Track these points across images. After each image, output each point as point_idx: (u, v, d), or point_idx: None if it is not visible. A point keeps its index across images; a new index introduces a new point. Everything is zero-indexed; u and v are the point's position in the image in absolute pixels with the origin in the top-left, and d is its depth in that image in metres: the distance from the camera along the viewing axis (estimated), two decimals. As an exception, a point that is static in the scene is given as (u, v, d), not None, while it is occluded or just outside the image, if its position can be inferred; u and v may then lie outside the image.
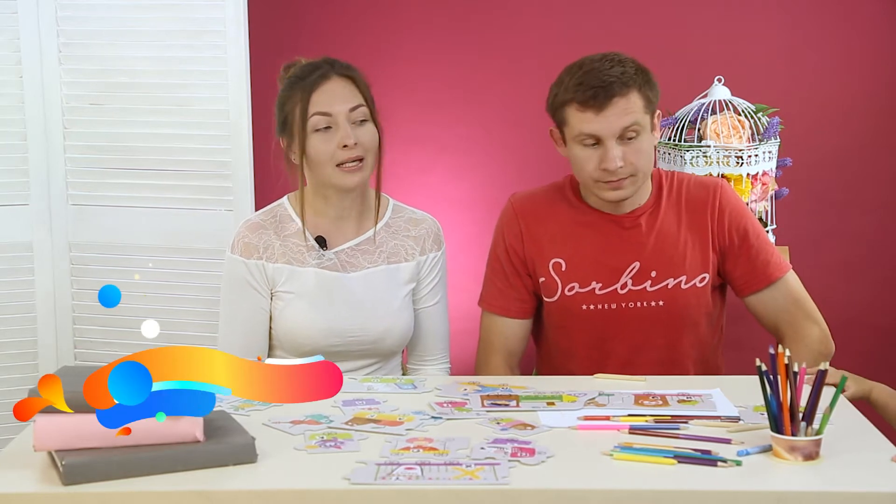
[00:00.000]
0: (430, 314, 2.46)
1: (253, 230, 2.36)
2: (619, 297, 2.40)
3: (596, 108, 2.30)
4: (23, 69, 3.14)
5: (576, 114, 2.33)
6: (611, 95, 2.30)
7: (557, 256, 2.43)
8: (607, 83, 2.30)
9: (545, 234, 2.45)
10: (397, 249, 2.40)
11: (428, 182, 3.53)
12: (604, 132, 2.31)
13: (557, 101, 2.37)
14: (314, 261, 2.35)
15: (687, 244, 2.41)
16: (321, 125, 2.28)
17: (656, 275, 2.40)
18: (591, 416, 1.95)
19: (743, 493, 1.64)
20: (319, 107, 2.28)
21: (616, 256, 2.41)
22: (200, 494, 1.63)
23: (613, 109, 2.31)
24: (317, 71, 2.30)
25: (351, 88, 2.31)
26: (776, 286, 2.43)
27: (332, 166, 2.29)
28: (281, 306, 2.34)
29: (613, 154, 2.31)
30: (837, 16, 3.45)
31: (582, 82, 2.31)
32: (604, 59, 2.34)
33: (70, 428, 1.66)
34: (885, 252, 3.52)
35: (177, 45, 3.12)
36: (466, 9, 3.53)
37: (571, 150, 2.37)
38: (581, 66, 2.35)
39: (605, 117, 2.31)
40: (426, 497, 1.63)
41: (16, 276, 3.19)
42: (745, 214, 2.45)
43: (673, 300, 2.40)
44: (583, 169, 2.36)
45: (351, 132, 2.27)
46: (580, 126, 2.32)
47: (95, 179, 3.19)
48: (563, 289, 2.42)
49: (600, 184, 2.35)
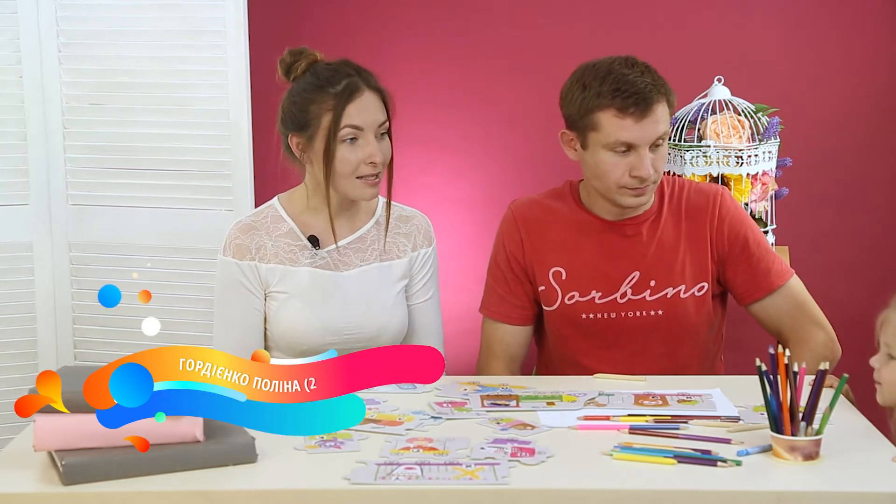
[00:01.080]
0: (422, 310, 2.46)
1: (244, 231, 2.36)
2: (618, 307, 2.39)
3: (637, 115, 2.28)
4: (23, 69, 3.13)
5: (613, 120, 2.29)
6: (651, 103, 2.28)
7: (557, 265, 2.42)
8: (645, 91, 2.28)
9: (546, 242, 2.43)
10: (389, 247, 2.41)
11: (428, 182, 3.53)
12: (641, 140, 2.29)
13: (586, 106, 2.31)
14: (307, 260, 2.35)
15: (686, 253, 2.40)
16: (349, 136, 2.29)
17: (655, 284, 2.39)
18: (590, 416, 1.95)
19: (743, 493, 1.64)
20: (353, 120, 2.28)
21: (616, 265, 2.40)
22: (200, 494, 1.63)
23: (652, 118, 2.29)
24: (347, 79, 2.29)
25: (379, 104, 2.32)
26: (778, 293, 2.41)
27: (353, 178, 2.30)
28: (275, 307, 2.34)
29: (647, 162, 2.29)
30: (837, 16, 3.45)
31: (619, 89, 2.28)
32: (628, 64, 2.31)
33: (70, 428, 1.67)
34: (885, 252, 3.52)
35: (177, 44, 3.12)
36: (466, 9, 3.52)
37: (597, 156, 2.33)
38: (609, 71, 2.31)
39: (644, 125, 2.28)
40: (426, 497, 1.63)
41: (16, 276, 3.18)
42: (744, 222, 2.43)
43: (672, 309, 2.39)
44: (608, 175, 2.33)
45: (378, 148, 2.29)
46: (617, 133, 2.29)
47: (95, 179, 3.19)
48: (562, 297, 2.41)
49: (625, 190, 2.33)
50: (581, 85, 2.33)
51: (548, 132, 3.59)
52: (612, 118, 2.29)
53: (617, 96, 2.28)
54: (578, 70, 2.37)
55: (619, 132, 2.29)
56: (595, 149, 2.33)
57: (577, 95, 2.33)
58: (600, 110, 2.30)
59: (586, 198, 2.45)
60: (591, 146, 2.34)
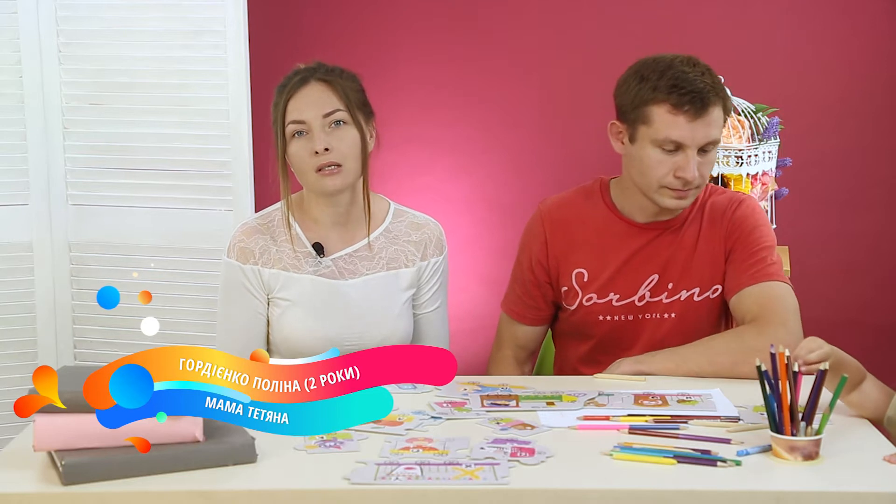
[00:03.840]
0: (430, 320, 2.44)
1: (249, 234, 2.34)
2: (635, 309, 2.37)
3: (691, 114, 2.22)
4: (23, 69, 3.14)
5: (666, 116, 2.23)
6: (707, 104, 2.23)
7: (581, 266, 2.39)
8: (704, 91, 2.23)
9: (571, 243, 2.40)
10: (397, 255, 2.37)
11: (428, 182, 3.53)
12: (691, 141, 2.24)
13: (641, 98, 2.25)
14: (311, 268, 2.32)
15: (703, 256, 2.36)
16: (295, 132, 2.28)
17: (672, 287, 2.36)
18: (590, 416, 1.95)
19: (743, 493, 1.64)
20: (294, 114, 2.27)
21: (638, 269, 2.37)
22: (200, 494, 1.63)
23: (706, 119, 2.24)
24: (296, 77, 2.29)
25: (327, 93, 2.27)
26: (758, 286, 2.29)
27: (311, 172, 2.27)
28: (278, 313, 2.32)
29: (694, 164, 2.24)
30: (837, 15, 3.46)
31: (676, 85, 2.22)
32: (690, 63, 2.26)
33: (70, 428, 1.66)
34: (885, 252, 3.53)
35: (176, 45, 3.12)
36: (466, 9, 3.53)
37: (643, 151, 2.27)
38: (670, 67, 2.25)
39: (696, 126, 2.23)
40: (426, 497, 1.63)
41: (16, 276, 3.19)
42: (758, 226, 2.36)
43: (684, 312, 2.36)
44: (651, 172, 2.27)
45: (323, 138, 2.25)
46: (668, 130, 2.23)
47: (95, 179, 3.19)
48: (581, 298, 2.39)
49: (666, 190, 2.28)
50: (638, 77, 2.27)
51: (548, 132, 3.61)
52: (666, 113, 2.23)
53: (673, 92, 2.22)
54: (638, 62, 2.31)
55: (671, 129, 2.23)
56: (643, 143, 2.27)
57: (633, 86, 2.27)
58: (655, 104, 2.24)
59: (618, 196, 2.40)
60: (639, 140, 2.28)
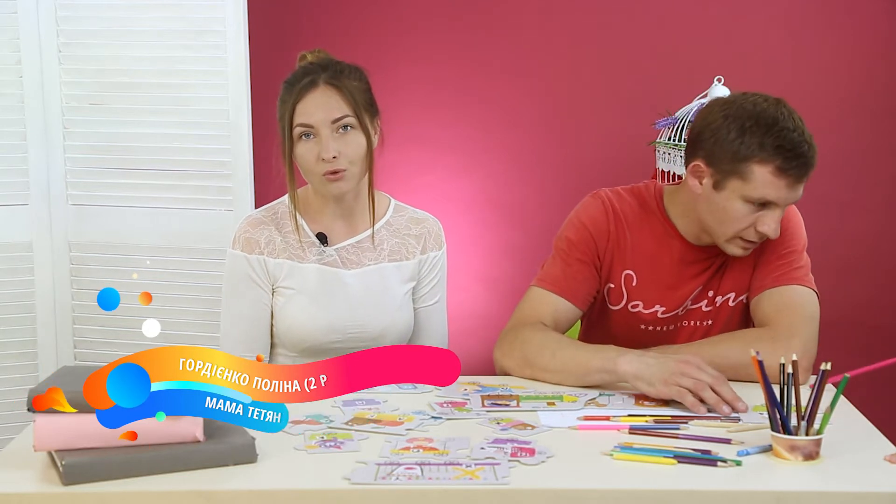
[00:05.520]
0: (429, 313, 2.47)
1: (254, 226, 2.36)
2: (677, 319, 2.37)
3: (794, 178, 2.15)
4: (23, 69, 3.14)
5: (768, 177, 2.15)
6: (808, 169, 2.17)
7: (631, 268, 2.36)
8: (808, 156, 2.16)
9: (628, 242, 2.36)
10: (398, 248, 2.41)
11: (428, 182, 3.54)
12: (783, 201, 2.18)
13: (743, 153, 2.15)
14: (315, 257, 2.35)
15: (738, 260, 2.32)
16: (303, 133, 2.29)
17: (712, 294, 2.35)
18: (591, 416, 1.95)
19: (743, 492, 1.64)
20: (302, 118, 2.28)
21: (686, 283, 2.35)
22: (200, 494, 1.63)
23: (803, 183, 2.19)
24: (306, 78, 2.30)
25: (336, 98, 2.28)
26: (780, 290, 2.28)
27: (317, 175, 2.29)
28: (282, 302, 2.35)
29: (778, 222, 2.20)
30: (837, 15, 3.46)
31: (783, 146, 2.14)
32: (790, 117, 2.16)
33: (70, 428, 1.66)
34: (885, 252, 3.53)
35: (176, 44, 3.12)
36: (466, 9, 3.53)
37: (729, 203, 2.19)
38: (775, 123, 2.15)
39: (794, 189, 2.18)
40: (426, 497, 1.63)
41: (15, 276, 3.19)
42: (787, 228, 2.31)
43: (720, 317, 2.36)
44: (733, 224, 2.21)
45: (331, 145, 2.26)
46: (766, 190, 2.16)
47: (95, 179, 3.20)
48: (627, 303, 2.37)
49: (739, 241, 2.23)
50: (739, 127, 2.17)
51: (547, 132, 3.62)
52: (768, 174, 2.15)
53: (780, 154, 2.14)
54: (729, 105, 2.21)
55: (769, 189, 2.16)
56: (732, 195, 2.19)
57: (734, 138, 2.17)
58: (758, 163, 2.15)
59: (672, 209, 2.36)
60: (728, 190, 2.20)
